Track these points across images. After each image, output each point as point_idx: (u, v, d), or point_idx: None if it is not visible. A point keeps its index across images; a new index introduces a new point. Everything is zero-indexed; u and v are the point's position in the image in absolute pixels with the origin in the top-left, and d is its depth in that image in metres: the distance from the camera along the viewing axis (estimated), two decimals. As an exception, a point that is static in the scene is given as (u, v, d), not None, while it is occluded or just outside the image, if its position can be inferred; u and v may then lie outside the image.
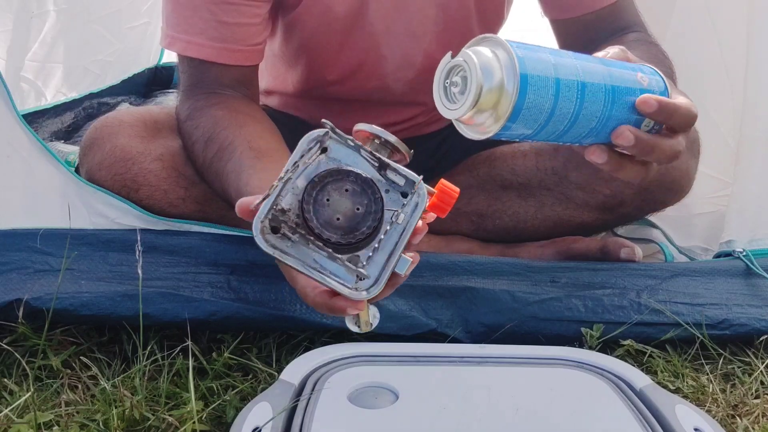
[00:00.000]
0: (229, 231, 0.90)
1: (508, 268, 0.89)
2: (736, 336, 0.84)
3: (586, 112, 0.57)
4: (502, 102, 0.53)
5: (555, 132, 0.57)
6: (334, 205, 0.51)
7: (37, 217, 0.87)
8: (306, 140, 0.52)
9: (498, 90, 0.53)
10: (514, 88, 0.53)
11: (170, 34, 0.87)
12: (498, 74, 0.53)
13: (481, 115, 0.55)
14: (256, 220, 0.50)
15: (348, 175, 0.51)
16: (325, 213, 0.50)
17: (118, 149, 0.89)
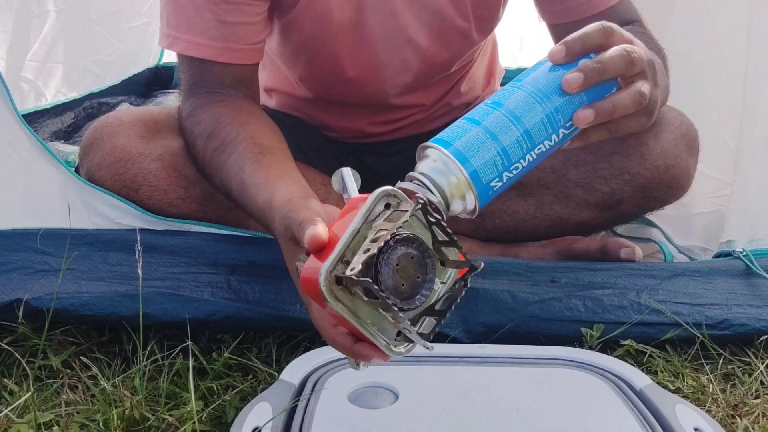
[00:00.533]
0: (229, 231, 0.90)
1: (508, 268, 0.89)
2: (736, 336, 0.84)
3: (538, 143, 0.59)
4: (466, 196, 0.58)
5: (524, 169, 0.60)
6: (402, 272, 0.52)
7: (37, 217, 0.87)
8: (375, 196, 0.52)
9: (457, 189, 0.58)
10: (470, 188, 0.58)
11: (172, 34, 0.88)
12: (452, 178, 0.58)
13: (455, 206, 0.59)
14: (326, 268, 0.50)
15: (413, 242, 0.52)
16: (394, 279, 0.52)
17: (118, 149, 0.89)
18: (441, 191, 0.57)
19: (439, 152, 0.58)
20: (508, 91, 0.60)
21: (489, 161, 0.58)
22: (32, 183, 0.90)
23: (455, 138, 0.59)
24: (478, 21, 0.98)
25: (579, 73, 0.58)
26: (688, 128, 0.93)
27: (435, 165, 0.58)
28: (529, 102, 0.59)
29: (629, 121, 0.63)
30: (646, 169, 0.92)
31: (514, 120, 0.58)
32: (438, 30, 0.96)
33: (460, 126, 0.60)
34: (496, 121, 0.58)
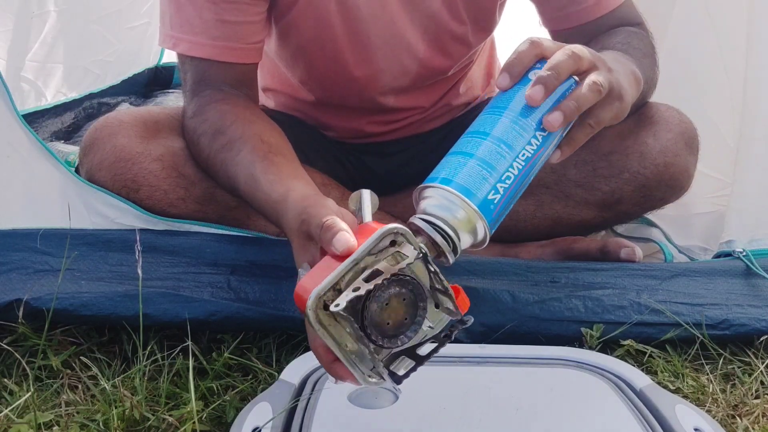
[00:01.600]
0: (229, 231, 0.90)
1: (509, 268, 0.89)
2: (736, 336, 0.84)
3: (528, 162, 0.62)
4: (477, 228, 0.60)
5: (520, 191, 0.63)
6: (389, 310, 0.53)
7: (37, 217, 0.87)
8: (381, 232, 0.53)
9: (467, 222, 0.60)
10: (479, 219, 0.60)
11: (174, 35, 0.88)
12: (461, 213, 0.60)
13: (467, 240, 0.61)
14: (316, 293, 0.51)
15: (408, 284, 0.53)
16: (380, 315, 0.53)
17: (118, 149, 0.89)
18: (452, 228, 0.59)
19: (442, 191, 0.60)
20: (486, 120, 0.63)
21: (490, 190, 0.60)
22: (32, 183, 0.90)
23: (453, 174, 0.60)
24: (474, 25, 0.98)
25: (539, 85, 0.61)
26: (687, 127, 0.93)
27: (440, 203, 0.60)
28: (507, 123, 0.62)
29: (603, 111, 0.66)
30: (646, 167, 0.92)
31: (500, 143, 0.61)
32: (434, 35, 0.96)
33: (454, 161, 0.61)
34: (486, 150, 0.61)
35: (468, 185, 0.59)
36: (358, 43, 0.94)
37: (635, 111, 0.92)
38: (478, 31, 1.00)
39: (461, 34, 0.98)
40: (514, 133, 0.61)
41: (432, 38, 0.97)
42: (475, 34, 1.00)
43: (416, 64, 0.99)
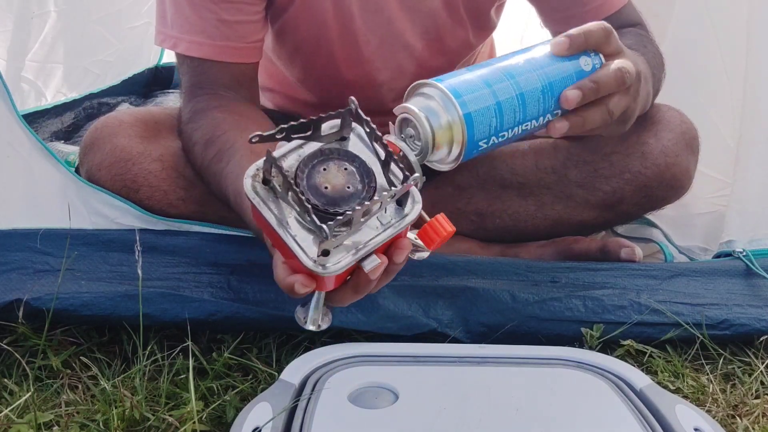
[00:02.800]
0: (229, 231, 0.90)
1: (508, 268, 0.89)
2: (737, 336, 0.84)
3: (529, 112, 0.62)
4: (454, 142, 0.59)
5: (508, 137, 0.63)
6: (327, 176, 0.52)
7: (37, 217, 0.87)
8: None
9: (447, 131, 0.58)
10: (462, 129, 0.58)
11: (173, 34, 0.88)
12: (444, 117, 0.58)
13: (439, 153, 0.60)
14: (253, 165, 0.51)
15: (353, 159, 0.53)
16: (317, 179, 0.52)
17: (118, 150, 0.89)
18: (430, 131, 0.57)
19: (439, 91, 0.58)
20: (516, 63, 0.63)
21: (486, 114, 0.59)
22: (32, 183, 0.90)
23: (457, 81, 0.59)
24: (474, 25, 0.98)
25: (577, 91, 0.63)
26: (688, 127, 0.93)
27: (430, 103, 0.58)
28: (539, 91, 0.62)
29: (621, 101, 0.68)
30: (647, 168, 0.92)
31: (521, 104, 0.61)
32: (433, 35, 0.96)
33: (474, 83, 0.60)
34: (506, 98, 0.60)
35: (474, 119, 0.59)
36: (354, 43, 0.94)
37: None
38: (478, 31, 1.00)
39: (461, 34, 0.98)
40: (535, 104, 0.62)
41: (431, 38, 0.96)
42: (475, 35, 1.00)
43: (414, 65, 0.98)
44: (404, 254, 0.55)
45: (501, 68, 0.62)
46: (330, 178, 0.52)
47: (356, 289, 0.56)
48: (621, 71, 0.65)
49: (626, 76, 0.66)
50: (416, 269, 0.86)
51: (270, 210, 0.51)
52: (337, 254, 0.51)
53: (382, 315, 0.80)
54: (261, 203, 0.51)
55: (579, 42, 0.64)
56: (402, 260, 0.55)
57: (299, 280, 0.53)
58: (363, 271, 0.53)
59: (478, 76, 0.61)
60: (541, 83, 0.62)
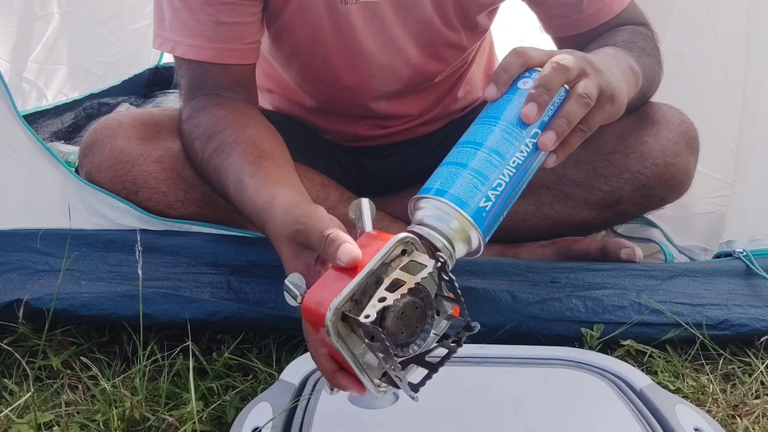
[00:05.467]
0: (228, 231, 0.90)
1: (509, 269, 0.89)
2: (737, 336, 0.84)
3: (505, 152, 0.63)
4: (471, 238, 0.61)
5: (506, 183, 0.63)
6: (405, 320, 0.54)
7: (37, 217, 0.87)
8: (394, 241, 0.54)
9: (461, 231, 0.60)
10: (473, 229, 0.60)
11: (172, 37, 0.88)
12: (454, 223, 0.60)
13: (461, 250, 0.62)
14: (336, 305, 0.51)
15: (421, 293, 0.54)
16: (396, 326, 0.53)
17: (117, 151, 0.89)
18: (446, 238, 0.59)
19: (436, 201, 0.61)
20: (477, 130, 0.64)
21: (482, 198, 0.61)
22: (32, 183, 0.90)
23: (446, 185, 0.61)
24: (466, 29, 0.98)
25: (532, 103, 0.62)
26: (687, 127, 0.93)
27: (434, 213, 0.60)
28: (498, 133, 0.63)
29: (594, 116, 0.67)
30: (646, 167, 0.92)
31: (492, 153, 0.62)
32: (426, 39, 0.96)
33: (446, 172, 0.62)
34: (479, 161, 0.62)
35: (461, 196, 0.60)
36: (349, 48, 0.94)
37: (637, 107, 0.92)
38: (470, 35, 1.00)
39: (454, 39, 0.98)
40: (505, 143, 0.63)
41: (424, 43, 0.96)
42: (467, 38, 1.00)
43: (409, 69, 0.99)
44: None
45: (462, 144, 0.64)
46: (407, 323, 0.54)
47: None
48: (558, 63, 0.64)
49: (569, 62, 0.65)
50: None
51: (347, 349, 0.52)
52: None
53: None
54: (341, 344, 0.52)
55: (502, 76, 0.65)
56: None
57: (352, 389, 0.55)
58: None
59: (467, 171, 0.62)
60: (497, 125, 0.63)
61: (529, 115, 0.62)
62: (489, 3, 0.96)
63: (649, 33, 0.93)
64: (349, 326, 0.52)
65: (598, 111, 0.67)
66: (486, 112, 0.65)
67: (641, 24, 0.95)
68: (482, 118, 0.65)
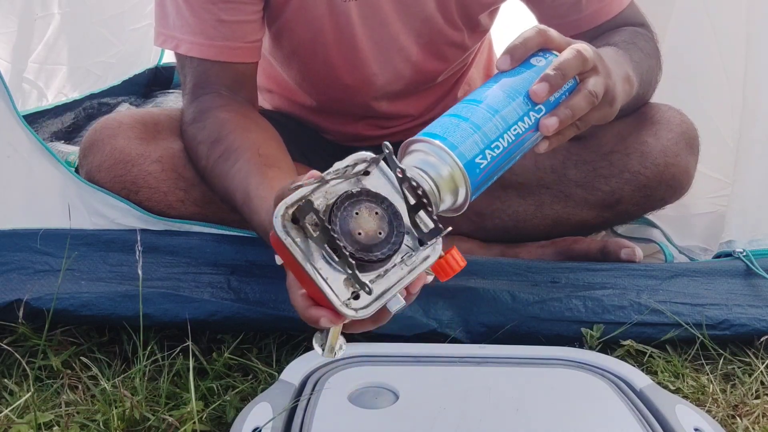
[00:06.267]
0: (229, 231, 0.90)
1: (509, 269, 0.89)
2: (737, 336, 0.84)
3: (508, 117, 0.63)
4: (459, 190, 0.60)
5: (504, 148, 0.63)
6: (360, 221, 0.52)
7: (37, 217, 0.87)
8: (358, 156, 0.53)
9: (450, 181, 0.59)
10: (464, 181, 0.59)
11: (174, 35, 0.88)
12: (443, 170, 0.59)
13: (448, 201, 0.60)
14: (282, 204, 0.51)
15: (383, 202, 0.53)
16: (350, 224, 0.52)
17: (117, 151, 0.89)
18: (435, 183, 0.58)
19: (431, 145, 0.59)
20: (485, 92, 0.64)
21: (479, 154, 0.60)
22: (32, 183, 0.90)
23: (445, 132, 0.60)
24: (468, 28, 0.98)
25: (544, 83, 0.63)
26: (688, 127, 0.93)
27: (426, 158, 0.59)
28: (504, 98, 0.63)
29: (592, 114, 0.67)
30: (646, 167, 0.92)
31: (495, 113, 0.62)
32: (428, 38, 0.96)
33: (447, 122, 0.61)
34: (482, 118, 0.61)
35: (458, 144, 0.59)
36: (349, 46, 0.94)
37: (630, 112, 0.92)
38: (472, 34, 1.00)
39: (456, 38, 0.98)
40: (510, 110, 0.63)
41: (426, 42, 0.96)
42: (469, 37, 1.00)
43: (410, 69, 0.98)
44: (421, 285, 0.56)
45: (467, 101, 0.64)
46: (362, 224, 0.52)
47: (375, 321, 0.57)
48: (578, 51, 0.65)
49: (587, 54, 0.66)
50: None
51: (301, 251, 0.51)
52: (366, 299, 0.52)
53: (382, 315, 0.80)
54: (293, 245, 0.51)
55: (519, 50, 0.65)
56: (418, 290, 0.56)
57: (326, 316, 0.53)
58: (385, 313, 0.54)
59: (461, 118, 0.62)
60: (509, 95, 0.64)
61: (539, 93, 0.63)
62: (491, 2, 0.96)
63: (648, 34, 0.93)
64: (302, 231, 0.51)
65: (597, 110, 0.68)
66: (495, 79, 0.65)
67: (640, 24, 0.95)
68: (491, 83, 0.65)
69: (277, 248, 0.53)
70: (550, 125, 0.63)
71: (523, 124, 0.63)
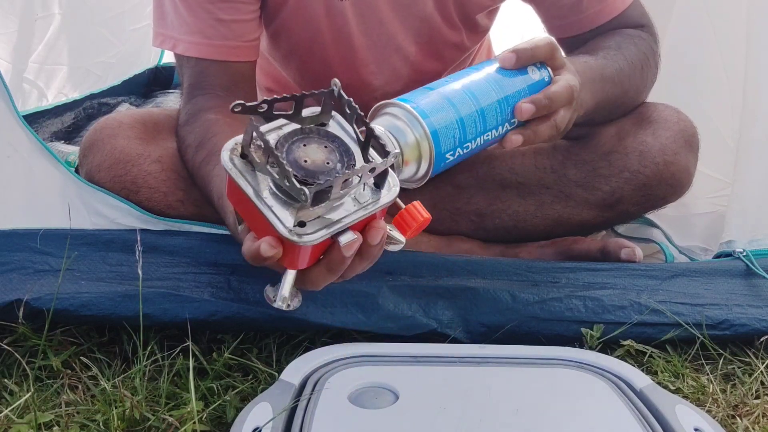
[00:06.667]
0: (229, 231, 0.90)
1: (509, 269, 0.89)
2: (737, 336, 0.84)
3: (488, 124, 0.67)
4: (422, 158, 0.61)
5: (472, 149, 0.66)
6: (307, 151, 0.53)
7: (37, 217, 0.87)
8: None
9: (415, 149, 0.61)
10: (429, 145, 0.61)
11: (171, 35, 0.88)
12: (411, 135, 0.61)
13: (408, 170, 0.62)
14: (232, 140, 0.52)
15: (333, 139, 0.53)
16: (297, 152, 0.52)
17: (117, 151, 0.89)
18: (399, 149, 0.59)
19: (404, 110, 0.60)
20: (474, 80, 0.67)
21: (450, 128, 0.62)
22: (32, 183, 0.90)
23: (420, 100, 0.62)
24: (466, 28, 0.98)
25: (531, 105, 0.68)
26: (686, 125, 0.94)
27: (396, 122, 0.60)
28: (495, 107, 0.67)
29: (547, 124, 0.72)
30: (646, 166, 0.92)
31: (478, 107, 0.65)
32: (426, 38, 0.96)
33: (424, 93, 0.64)
34: (459, 97, 0.64)
35: (430, 113, 0.61)
36: (348, 46, 0.94)
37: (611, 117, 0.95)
38: (470, 35, 1.00)
39: (455, 38, 0.98)
40: (493, 117, 0.67)
41: (424, 42, 0.96)
42: (468, 38, 1.00)
43: (408, 68, 0.98)
44: (379, 235, 0.55)
45: (461, 86, 0.66)
46: (310, 153, 0.52)
47: (330, 267, 0.55)
48: (570, 88, 0.69)
49: (574, 91, 0.71)
50: (416, 269, 0.86)
51: (247, 181, 0.52)
52: (313, 227, 0.52)
53: (382, 315, 0.80)
54: (238, 174, 0.52)
55: (526, 56, 0.68)
56: (377, 242, 0.55)
57: (266, 241, 0.52)
58: (337, 247, 0.53)
59: (440, 94, 0.64)
60: (497, 97, 0.67)
61: (523, 112, 0.67)
62: (489, 3, 0.96)
63: (644, 35, 0.93)
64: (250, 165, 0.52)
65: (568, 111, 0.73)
66: (492, 72, 0.68)
67: (641, 26, 0.95)
68: (489, 75, 0.68)
69: (229, 191, 0.53)
70: (514, 141, 0.69)
71: (496, 132, 0.67)
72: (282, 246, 0.52)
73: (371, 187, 0.55)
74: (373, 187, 0.55)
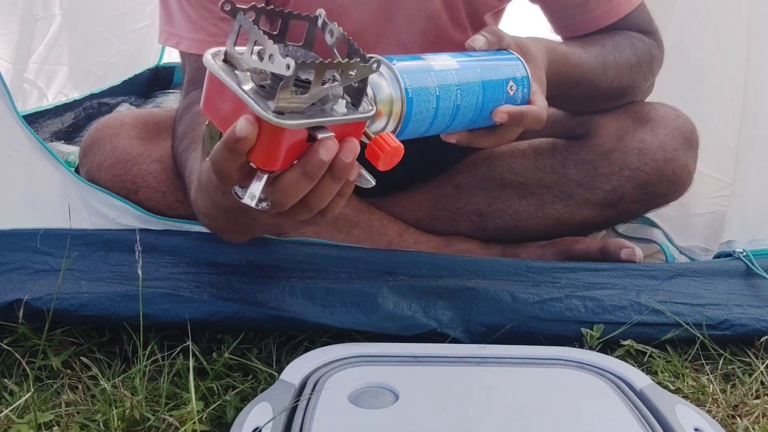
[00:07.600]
0: (229, 231, 0.90)
1: (509, 269, 0.89)
2: (737, 336, 0.84)
3: (464, 107, 0.69)
4: (393, 113, 0.64)
5: (441, 126, 0.69)
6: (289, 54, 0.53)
7: (37, 217, 0.87)
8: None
9: (388, 104, 0.63)
10: (402, 102, 0.63)
11: (176, 33, 0.88)
12: (386, 90, 0.63)
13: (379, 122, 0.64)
14: (216, 48, 0.53)
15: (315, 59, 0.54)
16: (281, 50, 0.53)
17: (118, 150, 0.89)
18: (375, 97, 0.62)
19: (388, 68, 0.63)
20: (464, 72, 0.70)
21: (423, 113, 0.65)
22: (32, 183, 0.90)
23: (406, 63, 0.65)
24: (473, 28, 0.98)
25: (506, 114, 0.71)
26: (683, 122, 0.94)
27: (377, 78, 0.63)
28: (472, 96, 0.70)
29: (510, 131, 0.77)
30: (646, 164, 0.93)
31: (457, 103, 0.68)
32: (432, 37, 0.96)
33: (415, 61, 0.67)
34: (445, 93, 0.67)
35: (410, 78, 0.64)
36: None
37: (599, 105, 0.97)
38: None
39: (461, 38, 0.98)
40: (465, 115, 0.70)
41: (429, 41, 0.96)
42: None
43: None
44: (351, 153, 0.54)
45: (452, 73, 0.69)
46: (290, 55, 0.53)
47: (305, 170, 0.53)
48: (541, 118, 0.73)
49: (541, 121, 0.74)
50: (416, 269, 0.86)
51: (227, 75, 0.52)
52: (292, 117, 0.51)
53: (382, 315, 0.80)
54: (218, 69, 0.52)
55: (515, 121, 0.72)
56: (349, 159, 0.53)
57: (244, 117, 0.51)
58: (314, 149, 0.52)
59: (431, 76, 0.67)
60: (476, 101, 0.70)
61: (497, 116, 0.71)
62: (498, 2, 0.96)
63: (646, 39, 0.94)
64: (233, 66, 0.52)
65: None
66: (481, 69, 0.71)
67: (645, 32, 0.96)
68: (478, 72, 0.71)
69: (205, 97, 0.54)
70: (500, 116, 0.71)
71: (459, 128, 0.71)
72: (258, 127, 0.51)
73: (348, 103, 0.55)
74: (351, 106, 0.55)
